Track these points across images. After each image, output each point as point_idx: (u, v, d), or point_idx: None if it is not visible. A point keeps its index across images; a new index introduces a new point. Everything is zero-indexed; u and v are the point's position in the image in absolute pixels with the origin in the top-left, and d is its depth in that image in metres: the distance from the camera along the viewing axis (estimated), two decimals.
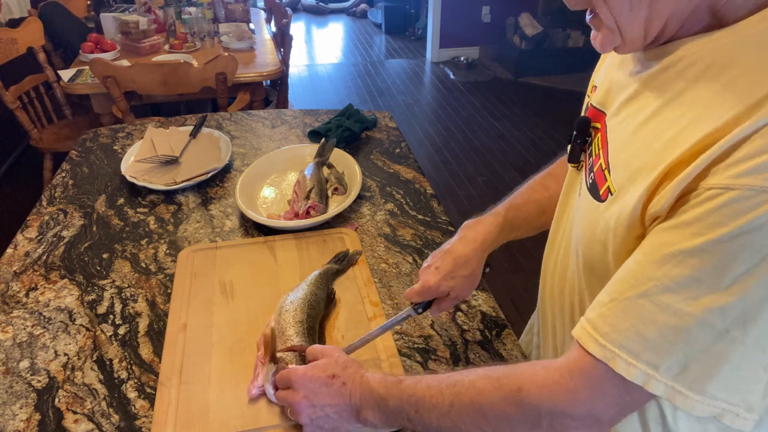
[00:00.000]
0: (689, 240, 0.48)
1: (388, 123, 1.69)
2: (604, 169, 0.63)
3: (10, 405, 0.81)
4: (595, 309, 0.56)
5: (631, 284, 0.53)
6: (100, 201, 1.29)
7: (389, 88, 4.85)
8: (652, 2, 0.52)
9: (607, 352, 0.52)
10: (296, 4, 7.61)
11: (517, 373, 0.60)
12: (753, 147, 0.45)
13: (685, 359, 0.50)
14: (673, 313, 0.49)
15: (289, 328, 0.84)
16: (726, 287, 0.47)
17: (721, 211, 0.46)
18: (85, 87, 2.46)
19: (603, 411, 0.55)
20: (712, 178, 0.47)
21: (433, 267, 0.83)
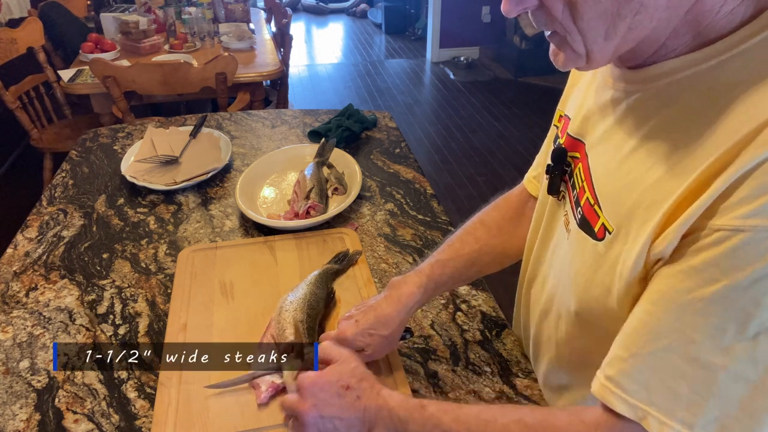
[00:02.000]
0: (705, 287, 0.46)
1: (388, 123, 1.69)
2: (593, 204, 0.61)
3: (10, 405, 0.81)
4: (614, 365, 0.53)
5: (650, 337, 0.50)
6: (100, 201, 1.29)
7: (389, 88, 4.85)
8: (628, 32, 0.50)
9: (638, 411, 0.50)
10: (296, 4, 7.61)
11: (555, 425, 0.57)
12: (753, 185, 0.43)
13: (721, 416, 0.47)
14: (702, 366, 0.47)
15: (288, 328, 0.84)
16: (753, 335, 0.45)
17: (735, 254, 0.45)
18: (85, 87, 2.46)
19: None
20: (719, 218, 0.45)
21: (353, 319, 0.79)
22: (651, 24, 0.49)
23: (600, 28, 0.50)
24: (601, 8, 0.48)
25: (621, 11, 0.48)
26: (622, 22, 0.49)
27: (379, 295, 0.83)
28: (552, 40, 0.56)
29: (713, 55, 0.50)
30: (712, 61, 0.50)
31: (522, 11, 0.53)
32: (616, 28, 0.49)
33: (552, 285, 0.74)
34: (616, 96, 0.61)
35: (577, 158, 0.68)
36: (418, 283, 0.82)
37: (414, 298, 0.81)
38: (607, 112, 0.62)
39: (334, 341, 0.78)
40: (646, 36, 0.51)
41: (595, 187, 0.61)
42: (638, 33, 0.50)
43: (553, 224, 0.75)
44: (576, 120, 0.69)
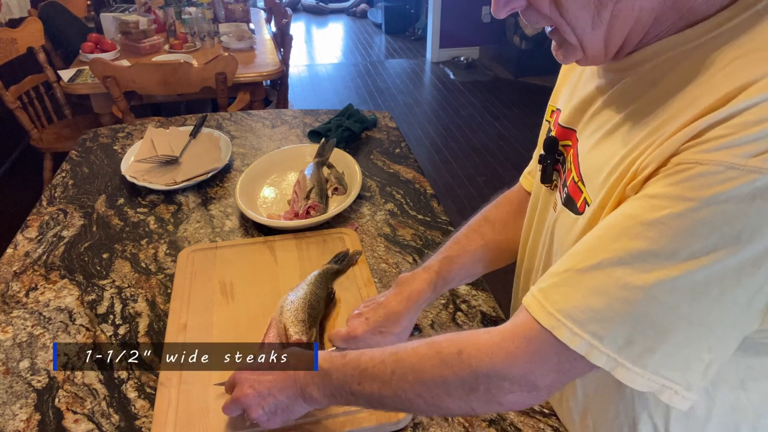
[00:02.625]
0: (650, 212, 0.48)
1: (388, 123, 1.69)
2: (578, 181, 0.63)
3: (10, 405, 0.81)
4: (548, 278, 0.55)
5: (586, 255, 0.52)
6: (100, 201, 1.29)
7: (389, 88, 4.85)
8: (613, 19, 0.52)
9: (553, 320, 0.52)
10: (296, 4, 7.61)
11: (459, 337, 0.59)
12: (726, 126, 0.45)
13: (631, 332, 0.49)
14: (624, 286, 0.49)
15: (291, 328, 0.84)
16: (680, 261, 0.46)
17: (685, 184, 0.46)
18: (85, 87, 2.46)
19: (540, 376, 0.54)
20: (683, 154, 0.47)
21: (363, 317, 0.80)
22: (634, 12, 0.52)
23: (586, 17, 0.53)
24: (583, 0, 0.51)
25: (602, 0, 0.51)
26: (604, 10, 0.52)
27: (387, 292, 0.84)
28: (553, 37, 0.58)
29: (695, 37, 0.52)
30: (694, 42, 0.52)
31: (511, 11, 0.56)
32: (601, 16, 0.52)
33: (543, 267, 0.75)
34: (602, 83, 0.63)
35: (569, 146, 0.69)
36: (428, 280, 0.82)
37: (424, 295, 0.82)
38: (595, 100, 0.64)
39: (344, 339, 0.79)
40: (632, 25, 0.53)
41: (580, 166, 0.63)
42: (623, 20, 0.52)
43: (545, 213, 0.76)
44: (566, 110, 0.71)
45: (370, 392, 0.61)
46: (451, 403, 0.58)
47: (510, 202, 0.92)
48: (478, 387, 0.56)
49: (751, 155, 0.43)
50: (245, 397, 0.68)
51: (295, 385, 0.67)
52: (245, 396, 0.68)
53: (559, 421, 0.78)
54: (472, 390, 0.56)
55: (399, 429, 0.77)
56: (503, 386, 0.55)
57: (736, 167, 0.44)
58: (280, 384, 0.67)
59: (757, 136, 0.43)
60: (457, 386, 0.57)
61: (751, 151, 0.43)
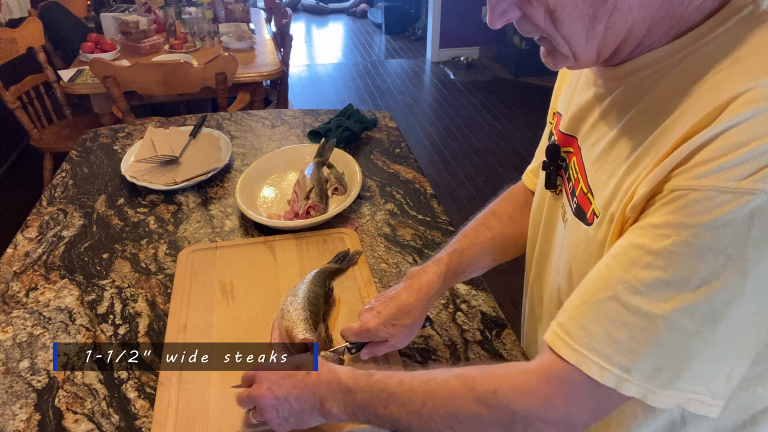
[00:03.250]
0: (656, 242, 0.49)
1: (388, 123, 1.69)
2: (587, 192, 0.63)
3: (10, 405, 0.81)
4: (566, 312, 0.56)
5: (601, 287, 0.53)
6: (100, 201, 1.29)
7: (389, 88, 4.85)
8: (607, 31, 0.53)
9: (579, 356, 0.52)
10: (296, 4, 7.61)
11: (493, 375, 0.59)
12: (713, 149, 0.46)
13: (657, 360, 0.50)
14: (643, 316, 0.50)
15: (295, 327, 0.84)
16: (693, 288, 0.48)
17: (684, 211, 0.47)
18: (85, 87, 2.46)
19: (577, 416, 0.55)
20: (675, 180, 0.48)
21: (375, 310, 0.80)
22: (626, 24, 0.53)
23: (580, 31, 0.53)
24: (578, 13, 0.52)
25: (596, 14, 0.52)
26: (599, 23, 0.53)
27: (397, 286, 0.85)
28: (542, 44, 0.59)
29: (684, 47, 0.53)
30: (684, 51, 0.53)
31: (506, 22, 0.56)
32: (595, 30, 0.53)
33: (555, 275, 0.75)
34: (599, 92, 0.64)
35: (570, 152, 0.70)
36: (438, 272, 0.83)
37: (435, 287, 0.82)
38: (593, 108, 0.65)
39: (356, 333, 0.80)
40: (625, 36, 0.54)
41: (587, 177, 0.64)
42: (616, 32, 0.53)
43: (553, 218, 0.76)
44: (566, 117, 0.72)
45: (398, 418, 0.62)
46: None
47: (516, 197, 0.93)
48: (515, 427, 0.56)
49: (740, 178, 0.44)
50: (262, 397, 0.68)
51: (313, 398, 0.66)
52: (262, 396, 0.68)
53: None
54: (508, 429, 0.57)
55: None
56: (540, 428, 0.55)
57: (728, 191, 0.45)
58: (298, 392, 0.67)
59: (743, 158, 0.44)
60: (492, 425, 0.57)
61: (740, 174, 0.44)
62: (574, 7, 0.52)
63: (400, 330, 0.80)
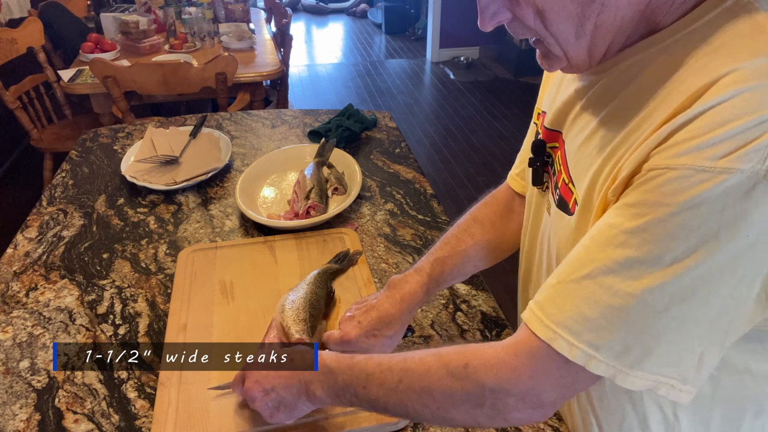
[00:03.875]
0: (631, 221, 0.49)
1: (388, 123, 1.69)
2: (568, 182, 0.64)
3: (10, 405, 0.81)
4: (543, 291, 0.56)
5: (576, 266, 0.54)
6: (100, 201, 1.29)
7: (389, 88, 4.85)
8: (595, 30, 0.54)
9: (550, 332, 0.53)
10: (296, 4, 7.61)
11: (466, 350, 0.60)
12: (692, 128, 0.46)
13: (626, 339, 0.50)
14: (614, 294, 0.50)
15: (292, 327, 0.84)
16: (665, 266, 0.48)
17: (661, 190, 0.47)
18: (85, 87, 2.46)
19: (544, 391, 0.55)
20: (654, 160, 0.48)
21: (356, 320, 0.80)
22: (616, 22, 0.53)
23: (570, 30, 0.54)
24: (567, 12, 0.53)
25: (585, 12, 0.53)
26: (587, 21, 0.53)
27: (378, 294, 0.84)
28: (537, 47, 0.60)
29: (667, 36, 0.54)
30: (667, 40, 0.54)
31: (497, 24, 0.57)
32: (584, 28, 0.54)
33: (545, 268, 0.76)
34: (581, 86, 0.65)
35: (556, 147, 0.71)
36: (420, 282, 0.83)
37: (417, 297, 0.82)
38: (576, 101, 0.66)
39: (337, 343, 0.79)
40: (614, 35, 0.55)
41: (569, 167, 0.65)
42: (605, 30, 0.54)
43: (539, 214, 0.77)
44: (550, 112, 0.73)
45: (376, 397, 0.62)
46: (457, 416, 0.59)
47: (498, 202, 0.94)
48: (484, 402, 0.57)
49: (718, 157, 0.45)
50: (251, 389, 0.70)
51: (299, 383, 0.67)
52: (251, 388, 0.70)
53: (559, 421, 0.78)
54: (478, 405, 0.57)
55: (399, 429, 0.77)
56: (508, 402, 0.56)
57: (706, 170, 0.45)
58: (284, 381, 0.68)
59: (723, 137, 0.45)
60: (463, 399, 0.58)
61: (719, 153, 0.45)
62: (562, 7, 0.52)
63: (381, 341, 0.79)
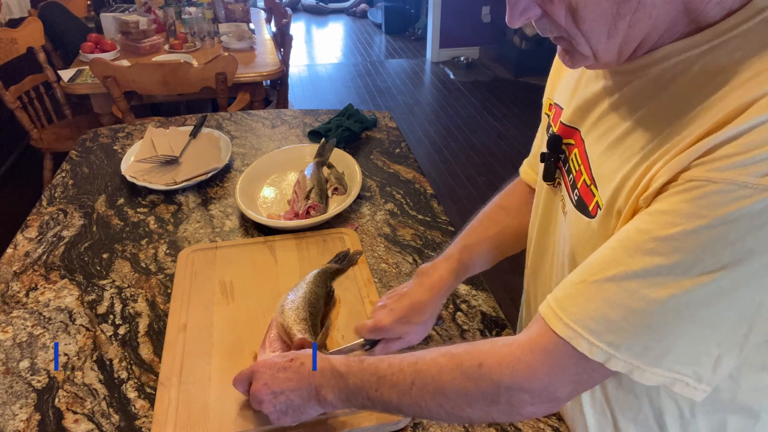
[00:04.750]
0: (663, 229, 0.49)
1: (388, 123, 1.69)
2: (590, 184, 0.63)
3: (10, 405, 0.81)
4: (564, 289, 0.56)
5: (601, 267, 0.53)
6: (100, 201, 1.29)
7: (389, 88, 4.85)
8: (629, 29, 0.52)
9: (570, 331, 0.53)
10: (296, 4, 7.61)
11: (479, 350, 0.60)
12: (738, 144, 0.46)
13: (647, 340, 0.51)
14: (639, 298, 0.50)
15: (293, 326, 0.84)
16: (694, 276, 0.48)
17: (698, 202, 0.47)
18: (85, 87, 2.46)
19: (560, 387, 0.56)
20: (694, 171, 0.48)
21: (388, 308, 0.81)
22: (650, 20, 0.52)
23: (602, 28, 0.52)
24: (601, 10, 0.51)
25: (620, 11, 0.51)
26: (622, 20, 0.51)
27: (409, 283, 0.86)
28: (560, 44, 0.58)
29: (705, 41, 0.52)
30: (704, 46, 0.52)
31: (526, 21, 0.55)
32: (618, 27, 0.52)
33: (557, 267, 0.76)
34: (610, 85, 0.63)
35: (572, 145, 0.70)
36: (450, 269, 0.85)
37: (446, 283, 0.84)
38: (601, 100, 0.64)
39: (370, 330, 0.80)
40: (647, 33, 0.53)
41: (591, 169, 0.63)
42: (639, 29, 0.52)
43: (551, 211, 0.77)
44: (569, 109, 0.71)
45: (388, 399, 0.63)
46: (472, 414, 0.60)
47: (522, 190, 0.95)
48: (500, 399, 0.57)
49: (762, 174, 0.44)
50: (259, 392, 0.69)
51: (309, 387, 0.67)
52: (259, 391, 0.69)
53: (559, 421, 0.78)
54: (493, 402, 0.58)
55: (399, 429, 0.77)
56: (524, 399, 0.57)
57: (748, 186, 0.45)
58: (294, 384, 0.68)
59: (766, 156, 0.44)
60: (478, 398, 0.58)
61: (763, 171, 0.44)
62: (597, 5, 0.51)
63: (413, 327, 0.81)
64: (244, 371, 0.73)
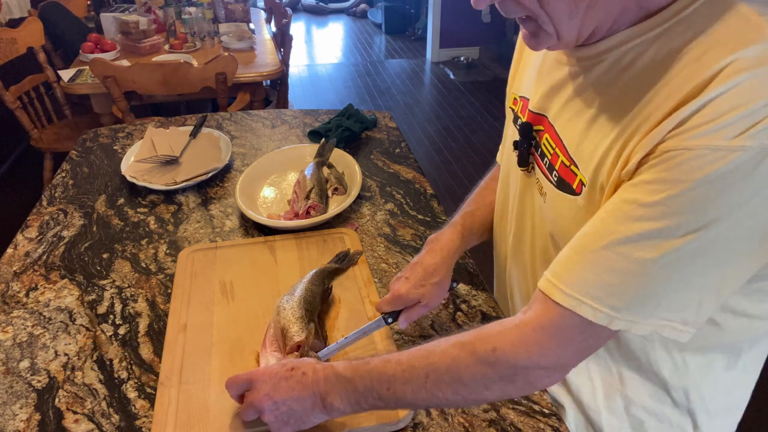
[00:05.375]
0: (649, 196, 0.54)
1: (388, 123, 1.69)
2: (569, 165, 0.67)
3: (10, 405, 0.81)
4: (560, 263, 0.61)
5: (595, 238, 0.58)
6: (100, 201, 1.29)
7: (389, 88, 4.85)
8: (588, 9, 0.57)
9: (573, 300, 0.57)
10: (296, 4, 7.61)
11: (489, 334, 0.63)
12: (705, 114, 0.51)
13: (644, 298, 0.56)
14: (634, 261, 0.55)
15: (291, 326, 0.84)
16: (681, 235, 0.53)
17: (679, 169, 0.52)
18: (85, 87, 2.46)
19: (570, 357, 0.61)
20: (670, 142, 0.53)
21: (403, 278, 0.85)
22: (607, 4, 0.57)
23: (564, 8, 0.57)
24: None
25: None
26: (582, 1, 0.56)
27: (420, 254, 0.89)
28: (525, 25, 0.62)
29: (656, 25, 0.58)
30: (657, 29, 0.58)
31: (491, 2, 0.59)
32: (578, 6, 0.57)
33: (538, 249, 0.80)
34: (572, 71, 0.68)
35: (541, 131, 0.75)
36: (456, 232, 0.90)
37: (455, 244, 0.89)
38: (566, 86, 0.69)
39: (390, 302, 0.83)
40: (603, 16, 0.58)
41: (568, 150, 0.68)
42: (596, 10, 0.57)
43: (527, 195, 0.81)
44: (535, 97, 0.76)
45: (402, 396, 0.64)
46: (489, 395, 0.64)
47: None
48: (516, 379, 0.62)
49: (732, 137, 0.49)
50: (259, 402, 0.68)
51: (313, 396, 0.67)
52: (260, 401, 0.68)
53: (559, 421, 0.78)
54: (510, 382, 0.62)
55: (399, 429, 0.77)
56: (539, 374, 0.61)
57: (721, 149, 0.50)
58: (297, 393, 0.67)
59: (733, 120, 0.49)
60: (495, 381, 0.62)
61: (731, 133, 0.49)
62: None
63: (430, 289, 0.83)
64: (240, 376, 0.71)
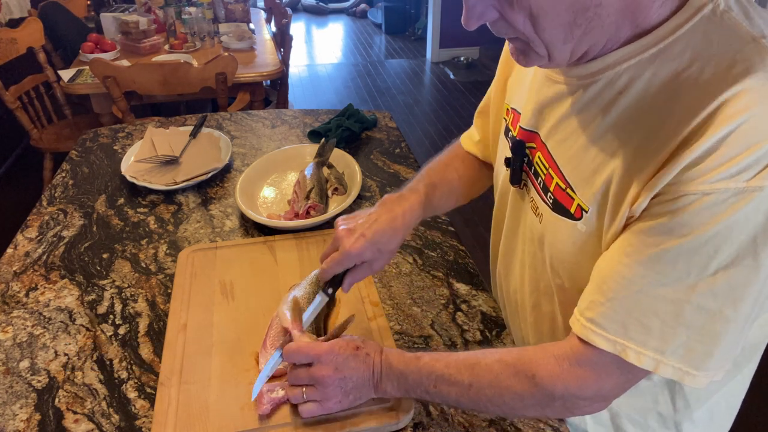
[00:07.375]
0: (674, 240, 0.54)
1: (388, 123, 1.69)
2: (565, 188, 0.67)
3: (10, 405, 0.81)
4: (594, 309, 0.61)
5: (624, 284, 0.58)
6: (100, 201, 1.29)
7: (389, 88, 4.85)
8: (583, 35, 0.56)
9: (617, 345, 0.58)
10: (296, 4, 7.61)
11: (530, 359, 0.65)
12: (720, 155, 0.51)
13: (688, 341, 0.56)
14: (670, 302, 0.55)
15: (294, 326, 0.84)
16: (711, 273, 0.53)
17: (701, 213, 0.52)
18: (85, 87, 2.46)
19: (610, 390, 0.63)
20: (687, 185, 0.52)
21: (358, 233, 0.79)
22: (603, 28, 0.56)
23: (559, 35, 0.56)
24: (560, 20, 0.54)
25: (577, 20, 0.54)
26: (578, 29, 0.55)
27: (374, 209, 0.85)
28: (514, 44, 0.61)
29: (653, 43, 0.57)
30: (652, 49, 0.57)
31: (482, 23, 0.58)
32: (573, 34, 0.56)
33: (531, 270, 0.79)
34: (565, 90, 0.66)
35: (533, 148, 0.73)
36: (419, 201, 0.87)
37: (417, 213, 0.87)
38: (558, 104, 0.68)
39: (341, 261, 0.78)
40: (598, 38, 0.57)
41: (563, 172, 0.67)
42: (592, 36, 0.56)
43: (519, 213, 0.80)
44: (527, 113, 0.74)
45: (447, 394, 0.68)
46: (527, 413, 0.67)
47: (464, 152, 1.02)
48: (554, 404, 0.64)
49: (749, 177, 0.50)
50: (328, 378, 0.71)
51: (372, 377, 0.72)
52: (329, 377, 0.71)
53: (559, 421, 0.78)
54: (548, 405, 0.65)
55: (399, 429, 0.77)
56: (578, 403, 0.64)
57: (740, 191, 0.50)
58: (360, 373, 0.72)
59: (750, 161, 0.50)
60: (534, 403, 0.65)
61: (749, 174, 0.50)
62: (556, 15, 0.54)
63: (386, 255, 0.83)
64: (303, 349, 0.73)
